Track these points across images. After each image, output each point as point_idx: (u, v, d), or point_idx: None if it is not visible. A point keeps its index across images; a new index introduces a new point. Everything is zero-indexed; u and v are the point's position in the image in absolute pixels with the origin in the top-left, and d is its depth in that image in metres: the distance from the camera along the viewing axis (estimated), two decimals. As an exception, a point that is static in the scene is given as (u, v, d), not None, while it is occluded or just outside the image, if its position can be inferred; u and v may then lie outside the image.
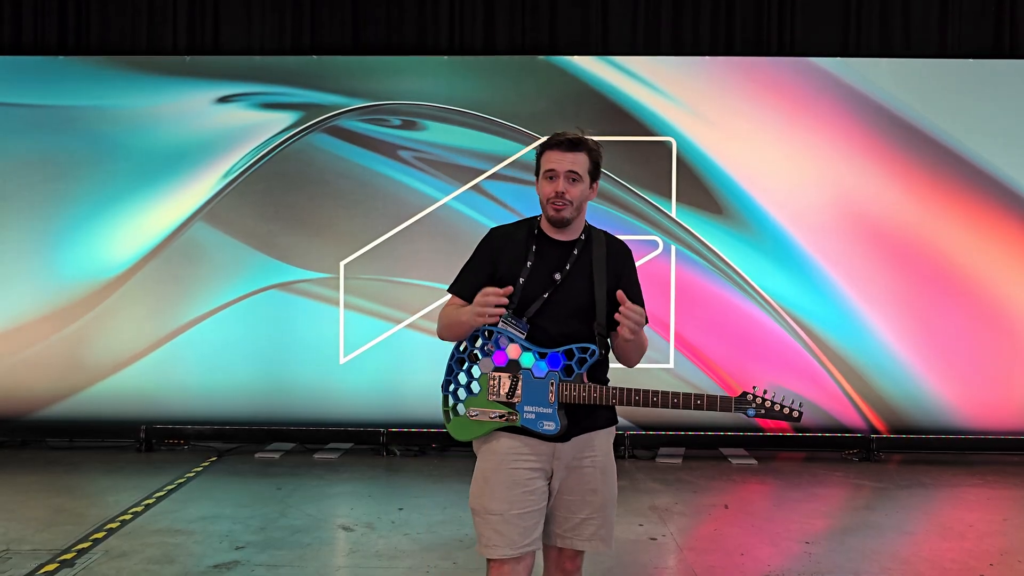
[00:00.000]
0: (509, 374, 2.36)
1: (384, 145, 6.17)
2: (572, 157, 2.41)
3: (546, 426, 2.33)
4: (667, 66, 6.16)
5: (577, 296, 2.39)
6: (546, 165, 2.42)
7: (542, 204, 2.44)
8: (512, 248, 2.44)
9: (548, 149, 2.44)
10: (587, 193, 2.45)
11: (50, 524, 4.44)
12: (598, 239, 2.49)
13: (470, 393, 2.40)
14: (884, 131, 6.08)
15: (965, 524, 4.65)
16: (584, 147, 2.43)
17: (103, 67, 6.20)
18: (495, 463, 2.37)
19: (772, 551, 4.18)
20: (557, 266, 2.42)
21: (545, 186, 2.42)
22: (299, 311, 6.16)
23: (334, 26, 6.42)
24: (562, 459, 2.38)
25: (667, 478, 5.56)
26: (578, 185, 2.41)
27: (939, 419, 6.09)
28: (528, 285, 2.39)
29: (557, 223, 2.42)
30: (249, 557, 3.99)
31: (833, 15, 6.35)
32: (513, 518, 2.33)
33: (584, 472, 2.40)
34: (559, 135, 2.44)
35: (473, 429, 2.40)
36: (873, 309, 6.08)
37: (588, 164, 2.43)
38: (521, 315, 2.39)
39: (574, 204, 2.40)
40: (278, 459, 6.06)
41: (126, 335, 6.19)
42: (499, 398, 2.36)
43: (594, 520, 2.42)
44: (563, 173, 2.39)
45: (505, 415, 2.35)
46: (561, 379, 2.34)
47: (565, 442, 2.37)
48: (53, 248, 6.20)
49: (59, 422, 6.24)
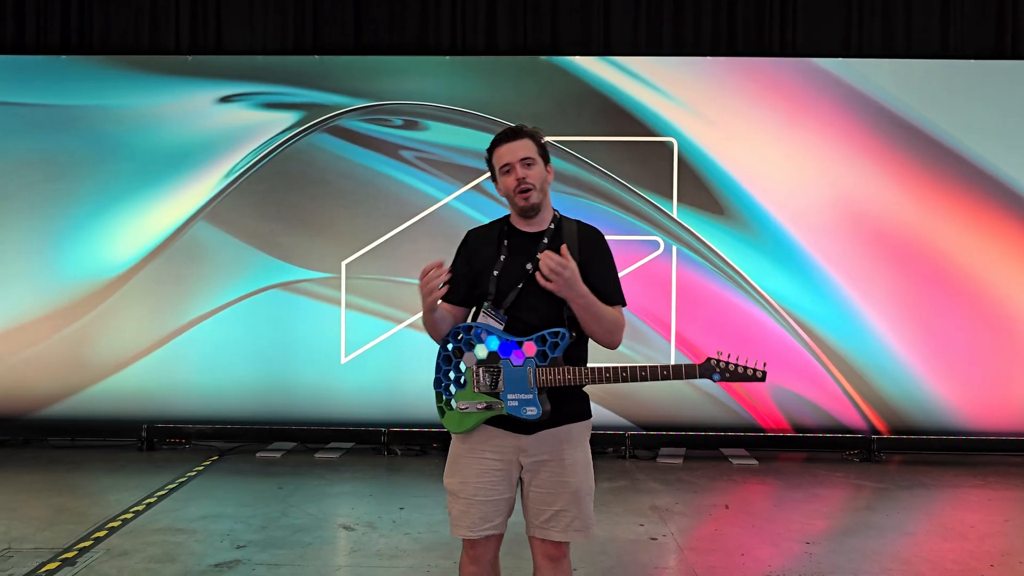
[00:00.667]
0: (490, 366, 2.46)
1: (386, 145, 6.18)
2: (518, 144, 2.50)
3: (529, 411, 2.42)
4: (668, 66, 6.16)
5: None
6: (499, 162, 2.51)
7: (509, 200, 2.52)
8: (486, 246, 2.55)
9: (495, 148, 2.54)
10: (545, 175, 2.53)
11: (52, 523, 4.45)
12: (568, 227, 2.55)
13: (459, 387, 2.50)
14: (885, 132, 6.08)
15: (966, 525, 4.65)
16: (525, 133, 2.52)
17: (105, 67, 6.22)
18: (466, 449, 2.51)
19: (773, 551, 4.18)
20: (529, 257, 2.48)
21: (506, 181, 2.51)
22: (300, 311, 6.17)
23: (336, 26, 6.43)
24: (528, 452, 2.46)
25: (668, 478, 5.56)
26: (535, 167, 2.49)
27: (940, 420, 6.09)
28: (502, 278, 2.48)
29: (527, 211, 2.50)
30: (250, 556, 4.00)
31: (834, 15, 6.35)
32: (477, 504, 2.47)
33: (553, 464, 2.46)
34: (499, 133, 2.55)
35: (465, 421, 2.50)
36: (874, 309, 6.08)
37: (535, 147, 2.51)
38: (499, 307, 2.48)
39: (537, 187, 2.48)
40: (279, 458, 6.07)
41: (128, 334, 6.20)
42: (484, 389, 2.46)
43: (568, 512, 2.45)
44: (517, 161, 2.48)
45: (492, 405, 2.45)
46: (537, 365, 2.42)
47: (530, 435, 2.45)
48: (55, 247, 6.21)
49: (61, 421, 6.25)
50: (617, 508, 4.79)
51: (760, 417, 6.11)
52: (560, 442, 2.47)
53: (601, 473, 5.50)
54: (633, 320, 6.06)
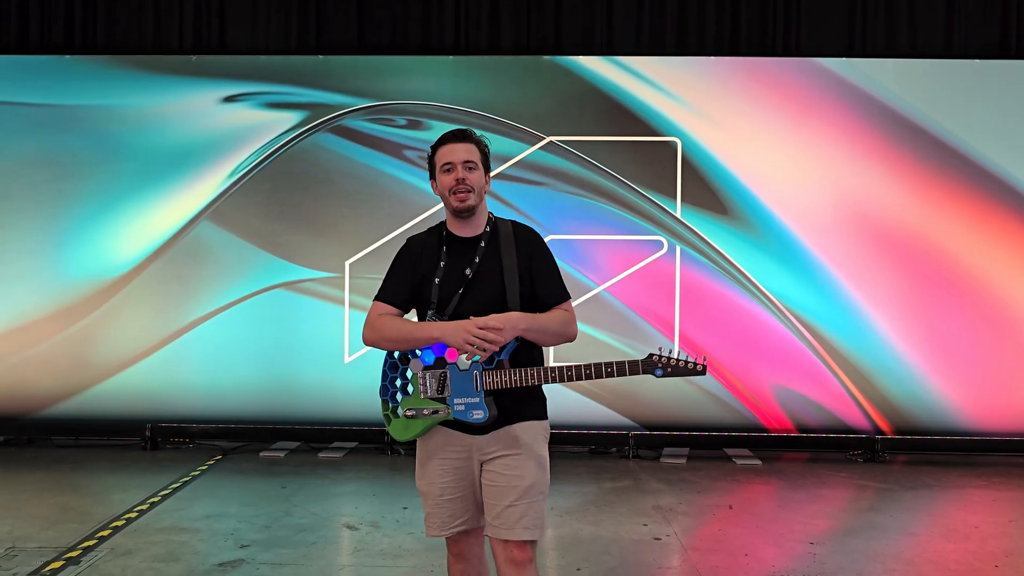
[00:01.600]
0: (437, 371, 2.49)
1: (389, 145, 6.18)
2: (464, 147, 2.53)
3: (475, 415, 2.44)
4: (672, 66, 6.15)
5: (490, 288, 2.50)
6: (442, 160, 2.53)
7: (444, 199, 2.54)
8: (427, 253, 2.58)
9: (440, 145, 2.56)
10: (483, 182, 2.55)
11: (56, 522, 4.46)
12: (504, 229, 2.58)
13: (405, 394, 2.54)
14: (889, 132, 6.07)
15: (970, 526, 4.64)
16: (472, 138, 2.56)
17: (109, 66, 6.22)
18: (429, 452, 2.56)
19: (776, 552, 4.18)
20: (467, 262, 2.53)
21: (444, 179, 2.53)
22: (304, 310, 6.17)
23: (340, 26, 6.43)
24: (483, 449, 2.50)
25: (671, 478, 5.56)
26: (475, 172, 2.52)
27: (944, 420, 6.08)
28: (444, 284, 2.52)
29: (462, 212, 2.52)
30: (254, 555, 4.00)
31: (838, 15, 6.34)
32: (444, 503, 2.53)
33: (503, 461, 2.48)
34: (448, 132, 2.58)
35: (412, 428, 2.53)
36: (878, 310, 6.07)
37: (479, 154, 2.55)
38: (442, 313, 2.51)
39: (475, 191, 2.50)
40: (283, 458, 6.07)
41: (132, 334, 6.20)
42: (431, 395, 2.50)
43: (518, 507, 2.45)
44: (459, 163, 2.51)
45: (439, 410, 2.49)
46: (484, 368, 2.45)
47: (483, 435, 2.49)
48: (59, 247, 6.22)
49: (65, 420, 6.26)
50: (621, 508, 4.79)
51: (763, 417, 6.11)
52: (514, 439, 2.50)
53: (604, 473, 5.55)
54: (636, 320, 6.06)
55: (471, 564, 2.60)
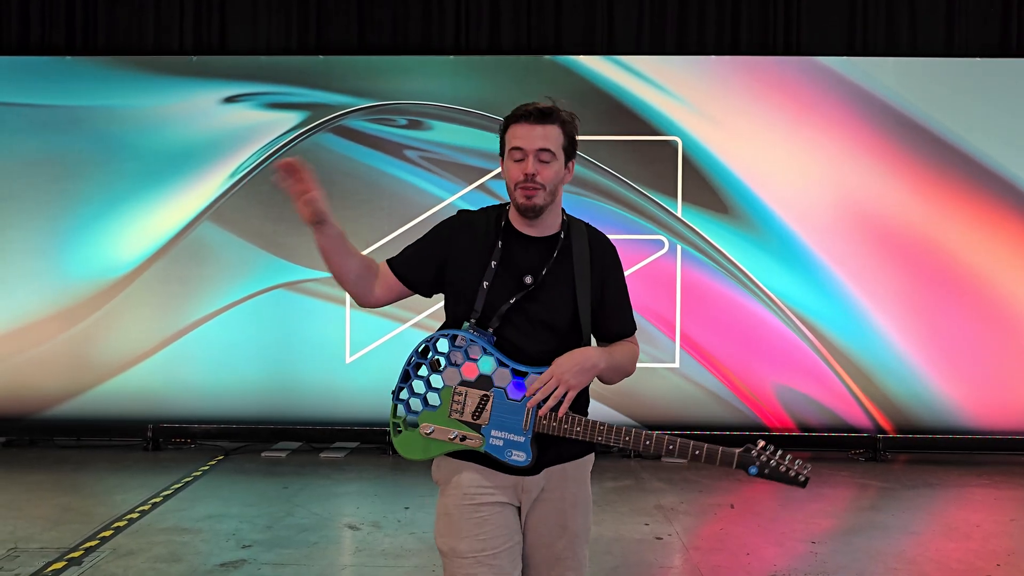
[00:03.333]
0: (479, 390, 2.02)
1: (390, 145, 6.18)
2: (542, 131, 2.00)
3: (515, 456, 2.00)
4: (673, 66, 6.15)
5: (555, 307, 2.05)
6: (512, 143, 2.02)
7: (509, 190, 2.06)
8: (472, 240, 2.07)
9: (513, 123, 2.03)
10: (562, 175, 2.05)
11: (58, 522, 4.46)
12: (578, 233, 2.11)
13: (427, 406, 2.05)
14: (890, 130, 6.07)
15: (971, 525, 4.64)
16: (556, 118, 2.02)
17: (110, 67, 6.23)
18: (459, 498, 2.06)
19: (778, 551, 4.18)
20: (529, 268, 2.05)
21: (512, 168, 2.03)
22: (305, 310, 6.17)
23: (340, 26, 6.43)
24: (530, 492, 2.08)
25: (672, 477, 5.56)
26: (551, 166, 2.01)
27: (946, 419, 6.07)
28: (494, 290, 2.03)
29: (528, 212, 2.03)
30: (256, 556, 4.01)
31: (839, 14, 6.34)
32: (486, 559, 2.02)
33: (552, 504, 2.10)
34: (526, 106, 2.03)
35: (425, 448, 2.06)
36: (879, 309, 6.06)
37: (562, 139, 2.03)
38: (484, 326, 2.04)
39: (547, 188, 2.01)
40: (284, 458, 6.08)
41: (133, 334, 6.21)
42: (462, 416, 2.02)
43: (565, 557, 2.12)
44: (532, 152, 2.00)
45: (466, 437, 2.02)
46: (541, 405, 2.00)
47: (532, 475, 2.06)
48: (60, 248, 6.22)
49: (67, 421, 6.26)
50: (622, 507, 4.79)
51: (765, 416, 6.10)
52: (565, 479, 2.11)
53: (605, 472, 5.55)
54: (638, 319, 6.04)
55: None
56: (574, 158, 2.09)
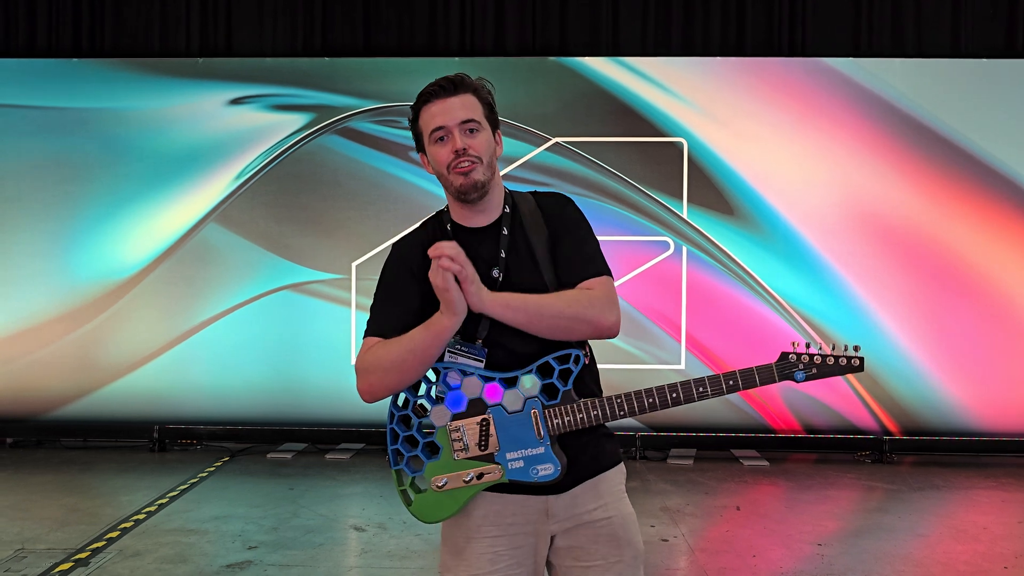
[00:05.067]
0: (474, 418, 1.78)
1: (395, 146, 6.18)
2: (459, 101, 1.80)
3: (542, 471, 1.75)
4: (678, 67, 6.15)
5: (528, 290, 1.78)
6: (430, 125, 1.81)
7: (442, 178, 1.84)
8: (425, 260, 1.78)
9: (424, 104, 1.82)
10: (493, 146, 1.84)
11: (64, 523, 4.47)
12: (525, 205, 1.87)
13: (430, 457, 1.80)
14: (896, 131, 6.05)
15: (979, 527, 4.63)
16: (468, 87, 1.84)
17: (116, 69, 6.24)
18: (468, 531, 1.81)
19: (784, 553, 4.17)
20: (490, 261, 1.82)
21: (438, 152, 1.81)
22: (311, 312, 6.18)
23: (345, 28, 6.44)
24: (559, 516, 1.82)
25: (678, 479, 5.55)
26: (480, 135, 1.80)
27: (952, 421, 6.06)
28: None
29: (470, 192, 1.80)
30: (262, 557, 4.01)
31: (844, 15, 6.33)
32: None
33: (598, 528, 1.83)
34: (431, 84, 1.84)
35: (447, 504, 1.79)
36: (885, 310, 6.05)
37: (480, 107, 1.83)
38: (471, 338, 1.79)
39: (484, 161, 1.80)
40: (290, 459, 6.08)
41: (139, 336, 6.22)
42: (469, 453, 1.77)
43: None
44: (455, 125, 1.80)
45: (486, 473, 1.77)
46: (544, 404, 1.77)
47: (558, 494, 1.81)
48: (67, 249, 6.24)
49: (73, 422, 6.28)
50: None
51: (771, 418, 6.09)
52: (600, 496, 1.84)
53: (611, 474, 5.53)
54: (643, 321, 6.05)
55: None
56: (499, 128, 1.88)
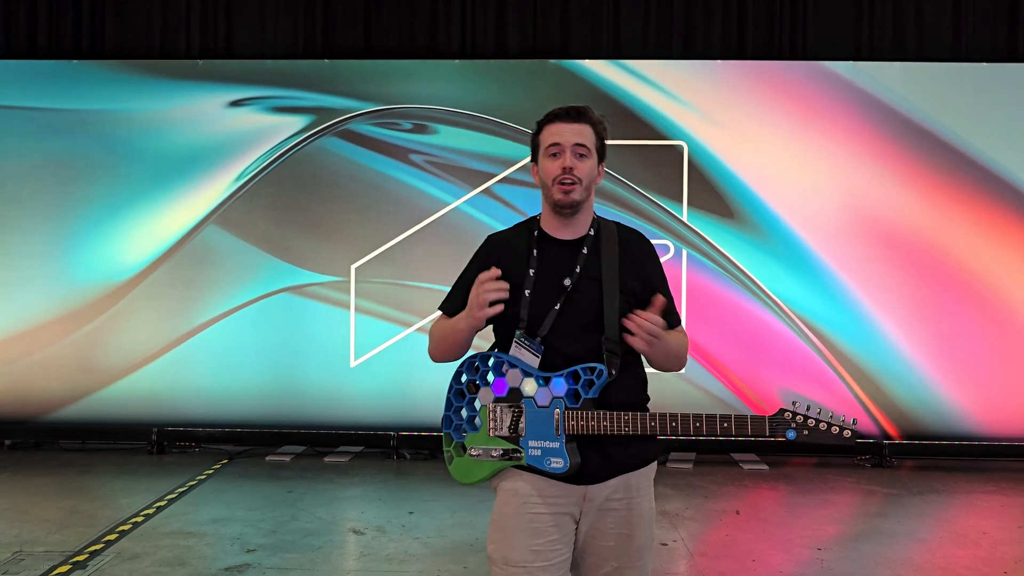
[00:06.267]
0: (510, 405, 2.07)
1: (395, 149, 6.18)
2: (577, 128, 2.08)
3: (553, 463, 2.02)
4: (678, 70, 6.15)
5: (588, 305, 2.07)
6: (549, 140, 2.09)
7: (546, 188, 2.10)
8: (513, 257, 2.11)
9: (548, 123, 2.11)
10: (595, 174, 2.12)
11: (63, 526, 4.46)
12: (608, 233, 2.15)
13: (473, 429, 2.11)
14: (897, 135, 6.05)
15: (979, 531, 4.62)
16: (588, 119, 2.11)
17: (117, 71, 6.24)
18: (515, 507, 2.07)
19: (784, 557, 4.16)
20: (566, 270, 2.08)
21: (548, 164, 2.08)
22: (310, 314, 6.17)
23: (346, 30, 6.44)
24: (594, 502, 2.08)
25: (678, 483, 5.54)
26: (586, 161, 2.08)
27: (952, 425, 6.05)
28: (535, 298, 2.06)
29: (565, 208, 2.08)
30: (260, 560, 4.00)
31: (845, 18, 6.33)
32: (537, 570, 2.03)
33: (617, 515, 2.08)
34: (559, 107, 2.12)
35: (477, 470, 2.11)
36: (886, 314, 6.04)
37: (594, 138, 2.11)
38: (534, 334, 2.06)
39: (583, 183, 2.07)
40: (289, 462, 6.07)
41: (139, 338, 6.21)
42: (501, 433, 2.07)
43: (630, 570, 2.10)
44: (569, 146, 2.06)
45: (509, 452, 2.06)
46: (567, 407, 2.03)
47: (596, 484, 2.07)
48: (66, 251, 6.23)
49: (72, 424, 6.27)
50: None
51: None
52: (630, 488, 2.10)
53: (611, 478, 5.52)
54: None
55: None
56: (604, 161, 2.15)
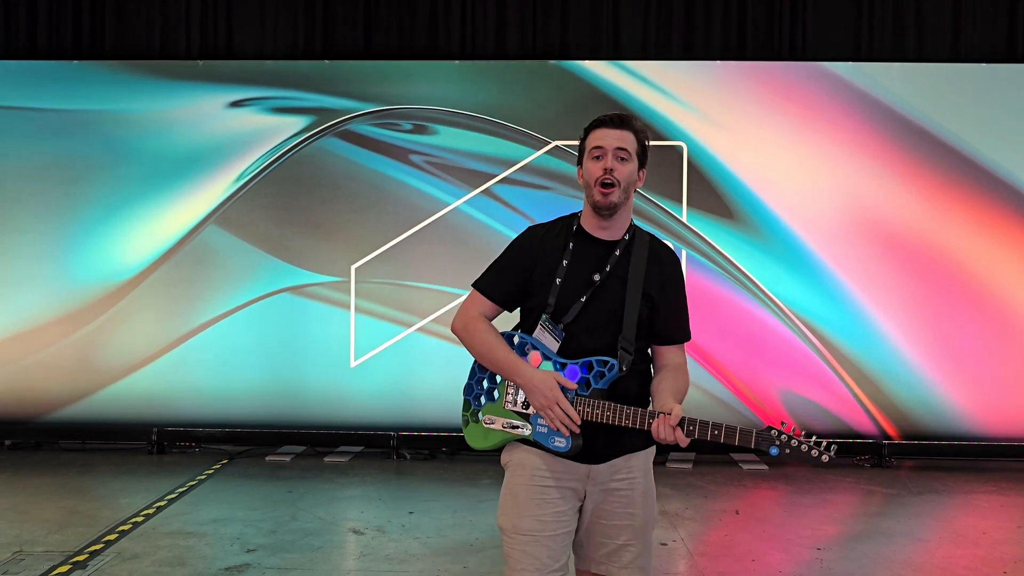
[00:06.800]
0: None
1: (395, 149, 6.19)
2: (619, 134, 2.23)
3: (557, 442, 2.19)
4: (678, 70, 6.15)
5: (611, 303, 2.22)
6: (592, 143, 2.25)
7: (588, 189, 2.25)
8: (551, 246, 2.28)
9: (594, 128, 2.27)
10: (635, 178, 2.26)
11: (63, 526, 4.47)
12: (641, 240, 2.29)
13: (490, 399, 2.30)
14: (896, 136, 6.06)
15: (978, 531, 4.62)
16: (632, 126, 2.26)
17: (117, 71, 6.25)
18: (524, 479, 2.24)
19: (783, 557, 4.17)
20: (596, 266, 2.24)
21: (591, 166, 2.24)
22: (310, 314, 6.18)
23: (346, 30, 6.45)
24: (597, 480, 2.24)
25: (678, 483, 5.54)
26: (627, 165, 2.23)
27: (952, 425, 6.05)
28: (565, 287, 2.23)
29: (604, 209, 2.22)
30: (260, 560, 4.00)
31: (845, 19, 6.34)
32: (545, 540, 2.20)
33: (621, 494, 2.25)
34: (605, 114, 2.29)
35: (487, 437, 2.30)
36: (885, 314, 6.05)
37: (636, 144, 2.25)
38: (558, 320, 2.23)
39: (622, 186, 2.21)
40: (289, 462, 6.07)
41: (139, 338, 6.22)
42: (515, 407, 2.25)
43: (632, 547, 2.25)
44: (611, 150, 2.22)
45: (519, 427, 2.25)
46: (577, 393, 2.18)
47: (599, 464, 2.23)
48: (67, 251, 6.24)
49: (72, 424, 6.27)
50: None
51: (770, 422, 6.07)
52: (630, 471, 2.27)
53: (610, 478, 5.52)
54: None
55: None
56: (645, 167, 2.30)
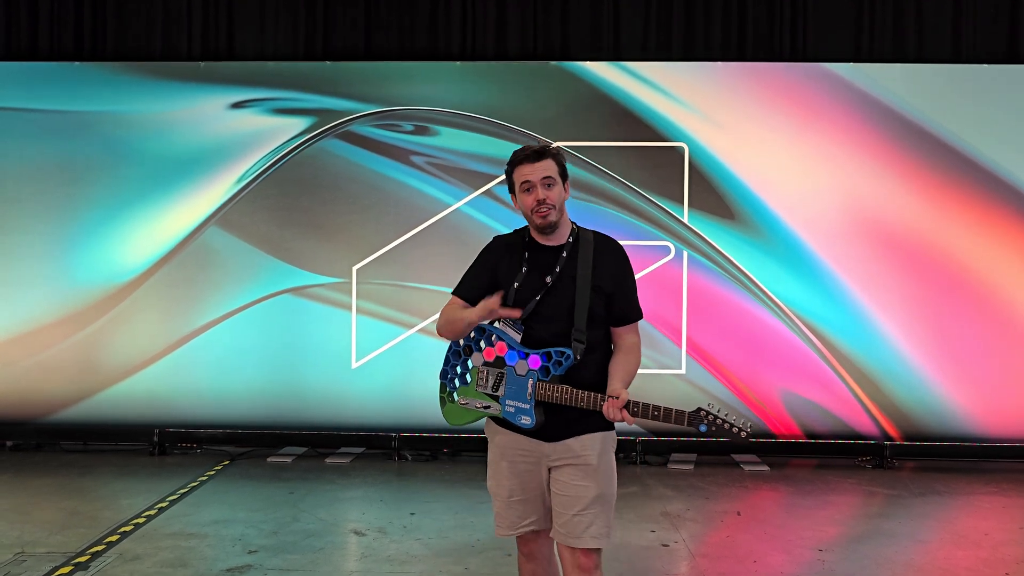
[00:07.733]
0: (496, 369, 2.59)
1: (396, 150, 6.19)
2: (541, 165, 2.59)
3: (523, 420, 2.54)
4: (679, 71, 6.15)
5: (563, 300, 2.55)
6: (520, 179, 2.60)
7: (527, 217, 2.61)
8: (510, 256, 2.64)
9: (517, 165, 2.61)
10: (564, 194, 2.63)
11: (64, 527, 4.47)
12: (585, 240, 2.64)
13: (463, 383, 2.66)
14: (897, 136, 6.06)
15: (980, 532, 4.62)
16: (548, 154, 2.62)
17: (118, 73, 6.25)
18: (498, 454, 2.65)
19: (785, 558, 4.17)
20: (548, 270, 2.59)
21: (525, 199, 2.60)
22: (311, 316, 6.18)
23: (347, 31, 6.45)
24: (549, 456, 2.57)
25: (679, 484, 5.54)
26: (554, 188, 2.59)
27: (953, 426, 6.05)
28: (522, 290, 2.58)
29: (545, 229, 2.59)
30: (262, 561, 4.00)
31: (846, 20, 6.34)
32: (514, 504, 2.61)
33: (571, 470, 2.55)
34: (523, 150, 2.63)
35: (462, 416, 2.67)
36: (886, 315, 6.05)
37: (556, 167, 2.62)
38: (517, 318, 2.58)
39: (556, 207, 2.58)
40: (290, 463, 6.08)
41: (140, 339, 6.22)
42: (485, 390, 2.61)
43: (585, 516, 2.53)
44: (538, 181, 2.57)
45: (490, 406, 2.60)
46: (539, 379, 2.52)
47: (553, 442, 2.56)
48: (68, 252, 6.24)
49: (73, 425, 6.28)
50: (628, 514, 4.78)
51: (771, 423, 6.09)
52: (584, 448, 2.56)
53: (612, 479, 5.52)
54: (645, 326, 6.01)
55: (540, 564, 2.68)
56: (568, 179, 2.68)
